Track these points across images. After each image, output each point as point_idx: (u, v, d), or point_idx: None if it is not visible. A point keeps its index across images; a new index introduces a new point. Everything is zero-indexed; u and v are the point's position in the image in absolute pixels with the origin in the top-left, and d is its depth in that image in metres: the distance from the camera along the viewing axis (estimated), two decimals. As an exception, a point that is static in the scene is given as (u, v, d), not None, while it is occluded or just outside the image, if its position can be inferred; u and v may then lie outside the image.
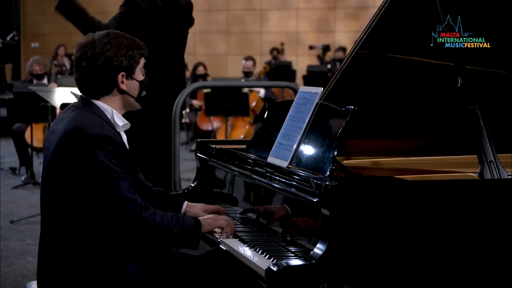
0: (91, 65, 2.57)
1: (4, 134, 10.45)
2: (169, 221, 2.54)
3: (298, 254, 2.41)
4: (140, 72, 2.66)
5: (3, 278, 4.61)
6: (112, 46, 2.58)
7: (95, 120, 2.54)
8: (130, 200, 2.48)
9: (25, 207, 6.79)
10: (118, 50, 2.58)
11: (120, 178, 2.48)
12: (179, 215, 2.61)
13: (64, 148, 2.50)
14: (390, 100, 3.16)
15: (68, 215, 2.50)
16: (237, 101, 8.51)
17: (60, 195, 2.51)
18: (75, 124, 2.51)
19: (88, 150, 2.46)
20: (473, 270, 2.36)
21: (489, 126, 2.54)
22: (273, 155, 2.83)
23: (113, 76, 2.59)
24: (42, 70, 8.88)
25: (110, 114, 2.61)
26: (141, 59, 2.66)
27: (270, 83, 8.27)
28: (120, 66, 2.59)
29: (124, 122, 2.66)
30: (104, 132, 2.50)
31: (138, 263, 2.55)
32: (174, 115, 4.22)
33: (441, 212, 2.34)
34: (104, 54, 2.57)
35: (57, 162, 2.51)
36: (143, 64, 2.68)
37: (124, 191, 2.48)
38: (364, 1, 15.08)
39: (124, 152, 2.54)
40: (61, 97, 4.92)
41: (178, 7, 4.72)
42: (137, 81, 2.65)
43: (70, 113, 2.61)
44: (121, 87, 2.61)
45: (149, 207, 2.53)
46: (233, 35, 16.20)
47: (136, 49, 2.63)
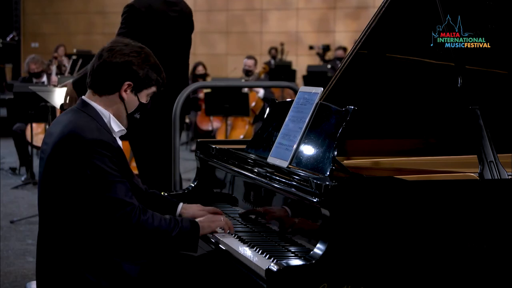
0: (111, 60, 2.60)
1: (4, 134, 10.46)
2: (167, 224, 2.53)
3: (298, 254, 2.41)
4: (146, 95, 2.67)
5: (3, 278, 4.61)
6: (139, 56, 2.62)
7: (92, 124, 2.54)
8: (128, 203, 2.48)
9: (25, 207, 6.79)
10: (142, 62, 2.62)
11: (117, 182, 2.48)
12: (177, 218, 2.60)
13: (61, 152, 2.50)
14: (390, 100, 3.16)
15: (65, 217, 2.50)
16: (237, 101, 8.51)
17: (57, 197, 2.51)
18: (72, 128, 2.51)
19: (85, 154, 2.46)
20: (473, 270, 2.36)
21: (489, 126, 2.54)
22: (273, 155, 2.83)
23: (122, 79, 2.60)
24: (39, 68, 8.89)
25: (107, 119, 2.62)
26: (154, 86, 2.68)
27: (270, 83, 8.26)
28: (134, 75, 2.61)
29: (120, 128, 2.66)
30: (101, 137, 2.50)
31: (137, 264, 2.55)
32: (174, 115, 4.22)
33: (441, 212, 2.34)
34: (128, 56, 2.60)
35: (54, 165, 2.52)
36: (152, 93, 2.69)
37: (121, 195, 2.47)
38: (364, 1, 15.09)
39: (120, 156, 2.54)
40: (61, 97, 4.92)
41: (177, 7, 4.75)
42: (139, 101, 2.66)
43: (67, 115, 2.61)
44: (122, 94, 2.62)
45: (146, 210, 2.53)
46: (233, 35, 16.21)
47: (156, 74, 2.66)
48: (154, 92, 2.69)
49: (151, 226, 2.49)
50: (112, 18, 15.99)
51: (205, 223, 2.66)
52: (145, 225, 2.48)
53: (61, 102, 3.95)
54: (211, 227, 2.67)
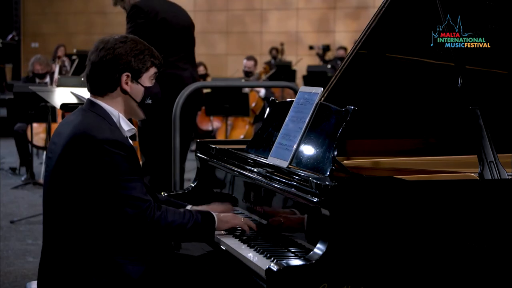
0: (100, 59, 2.59)
1: (4, 134, 10.46)
2: (182, 217, 2.57)
3: (298, 254, 2.41)
4: (147, 79, 2.66)
5: (3, 278, 4.61)
6: (125, 45, 2.60)
7: (103, 124, 2.54)
8: (144, 200, 2.50)
9: (25, 207, 6.79)
10: (130, 50, 2.60)
11: (133, 180, 2.49)
12: (192, 211, 2.64)
13: (72, 152, 2.49)
14: (390, 100, 3.16)
15: (73, 217, 2.50)
16: (237, 101, 8.51)
17: (65, 197, 2.50)
18: (84, 129, 2.50)
19: (99, 154, 2.46)
20: (473, 270, 2.36)
21: (489, 126, 2.54)
22: (273, 155, 2.83)
23: (117, 74, 2.59)
24: (44, 70, 8.88)
25: (116, 118, 2.61)
26: (152, 67, 2.66)
27: (270, 83, 8.27)
28: (127, 66, 2.60)
29: (130, 127, 2.66)
30: (113, 137, 2.50)
31: (139, 265, 2.55)
32: (174, 115, 4.22)
33: (441, 212, 2.34)
34: (114, 51, 2.59)
35: (64, 165, 2.51)
36: (154, 74, 2.68)
37: (137, 193, 2.49)
38: (364, 1, 15.08)
39: (133, 155, 2.55)
40: (61, 97, 4.91)
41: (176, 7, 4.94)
42: (143, 86, 2.65)
43: (77, 115, 2.60)
44: (124, 87, 2.61)
45: (161, 206, 2.56)
46: (233, 35, 16.20)
47: (148, 56, 2.64)
48: (156, 73, 2.68)
49: (165, 222, 2.53)
50: (112, 18, 16.00)
51: (225, 217, 2.69)
52: (159, 221, 2.52)
53: (61, 102, 3.95)
54: (229, 222, 2.69)
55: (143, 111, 2.70)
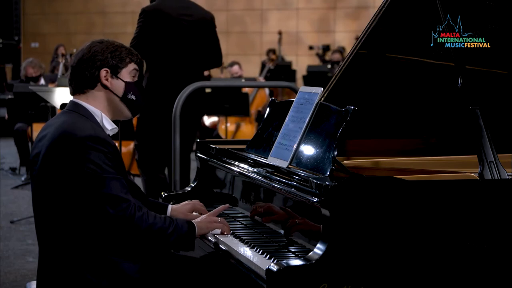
0: (78, 60, 2.66)
1: (4, 134, 10.46)
2: (162, 222, 2.53)
3: (298, 254, 2.41)
4: (127, 74, 2.69)
5: (3, 278, 4.61)
6: (101, 45, 2.68)
7: (86, 123, 2.56)
8: (123, 199, 2.47)
9: (25, 207, 6.79)
10: (106, 48, 2.67)
11: (113, 178, 2.48)
12: (172, 217, 2.61)
13: (55, 152, 2.50)
14: (390, 100, 3.16)
15: (62, 216, 2.50)
16: (237, 101, 8.51)
17: (53, 198, 2.51)
18: (66, 128, 2.53)
19: (80, 151, 2.47)
20: (473, 270, 2.36)
21: (489, 126, 2.54)
22: (273, 155, 2.83)
23: (96, 70, 2.64)
24: (37, 73, 8.84)
25: (99, 118, 2.64)
26: (131, 63, 2.70)
27: (270, 83, 8.26)
28: (105, 62, 2.65)
29: (112, 126, 2.68)
30: (96, 133, 2.51)
31: (136, 263, 2.54)
32: (174, 115, 4.22)
33: (441, 212, 2.34)
34: (90, 50, 2.66)
35: (49, 166, 2.51)
36: (134, 70, 2.71)
37: (117, 191, 2.47)
38: (364, 1, 15.08)
39: (116, 153, 2.55)
40: (61, 97, 4.93)
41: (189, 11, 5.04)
42: (123, 81, 2.67)
43: (59, 117, 2.64)
44: (104, 83, 2.65)
45: (142, 207, 2.53)
46: (233, 35, 16.19)
47: (126, 53, 2.69)
48: (136, 69, 2.71)
49: (146, 223, 2.49)
50: (112, 18, 16.00)
51: (203, 223, 2.66)
52: (140, 222, 2.48)
53: (61, 102, 3.96)
54: (209, 227, 2.68)
55: (128, 109, 2.71)
